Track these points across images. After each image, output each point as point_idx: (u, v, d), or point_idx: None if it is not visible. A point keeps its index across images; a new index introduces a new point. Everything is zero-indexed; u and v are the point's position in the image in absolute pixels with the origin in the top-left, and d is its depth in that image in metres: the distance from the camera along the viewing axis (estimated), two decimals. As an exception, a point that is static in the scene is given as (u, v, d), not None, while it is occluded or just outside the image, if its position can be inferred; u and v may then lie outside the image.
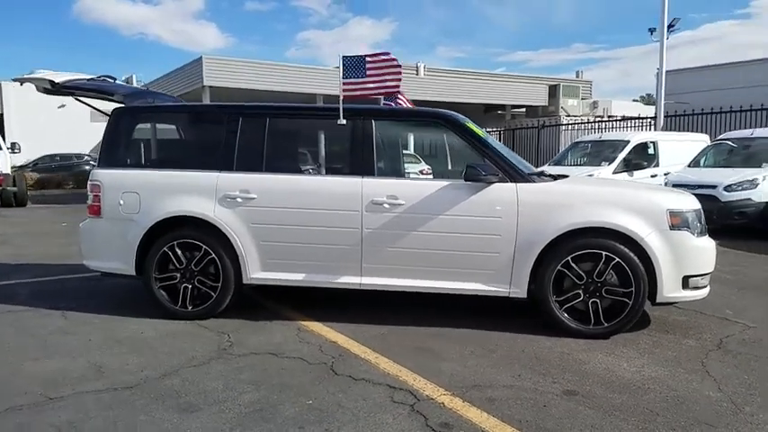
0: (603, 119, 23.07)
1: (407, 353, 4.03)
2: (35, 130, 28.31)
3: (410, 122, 5.45)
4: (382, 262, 4.61)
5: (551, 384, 3.51)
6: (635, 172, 11.48)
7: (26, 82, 5.79)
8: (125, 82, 15.38)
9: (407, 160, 9.20)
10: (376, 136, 4.76)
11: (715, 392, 3.39)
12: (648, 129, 17.42)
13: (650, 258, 4.24)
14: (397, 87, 5.25)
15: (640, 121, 18.76)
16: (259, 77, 20.39)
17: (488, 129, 19.67)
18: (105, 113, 5.43)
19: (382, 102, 5.50)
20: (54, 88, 5.61)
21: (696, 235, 4.40)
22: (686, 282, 4.34)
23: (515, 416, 3.09)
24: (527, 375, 3.64)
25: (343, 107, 4.73)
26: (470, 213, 4.47)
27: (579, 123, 21.90)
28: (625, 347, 4.14)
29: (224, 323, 4.69)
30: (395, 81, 5.07)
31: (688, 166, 10.91)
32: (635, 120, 19.19)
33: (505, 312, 4.86)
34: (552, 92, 27.43)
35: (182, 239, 4.78)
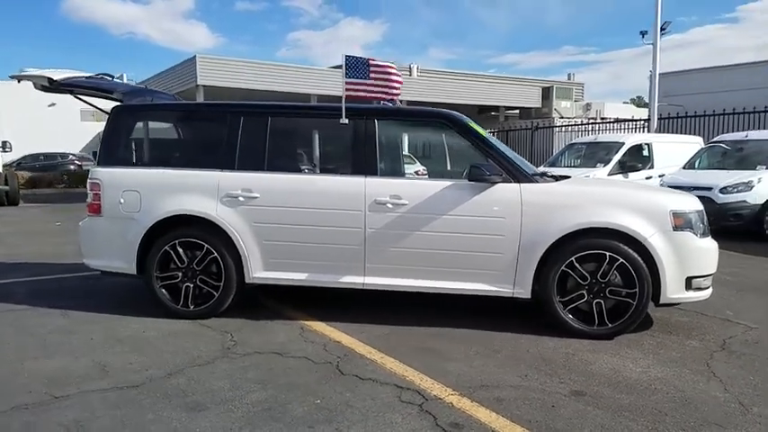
0: (596, 121, 23.19)
1: (412, 353, 4.02)
2: (25, 129, 28.03)
3: (412, 122, 5.43)
4: (385, 262, 4.59)
5: (558, 385, 3.51)
6: (630, 174, 11.52)
7: (24, 79, 5.71)
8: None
9: (404, 161, 9.16)
10: (378, 135, 4.75)
11: (722, 393, 3.41)
12: (642, 131, 17.51)
13: (654, 259, 4.25)
14: (398, 94, 5.25)
15: (634, 123, 18.86)
16: (253, 77, 20.31)
17: (483, 130, 19.63)
18: (105, 111, 5.38)
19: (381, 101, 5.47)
20: (52, 86, 5.54)
21: (699, 236, 4.41)
22: (689, 283, 4.35)
23: (524, 416, 3.09)
24: (533, 376, 3.64)
25: (345, 106, 4.71)
26: (474, 213, 4.47)
27: (573, 125, 21.98)
28: (629, 348, 4.15)
29: (226, 322, 4.65)
30: (396, 90, 5.08)
31: (683, 168, 10.98)
32: (628, 122, 19.30)
33: (506, 312, 4.85)
34: (545, 94, 27.61)
35: (183, 238, 4.75)
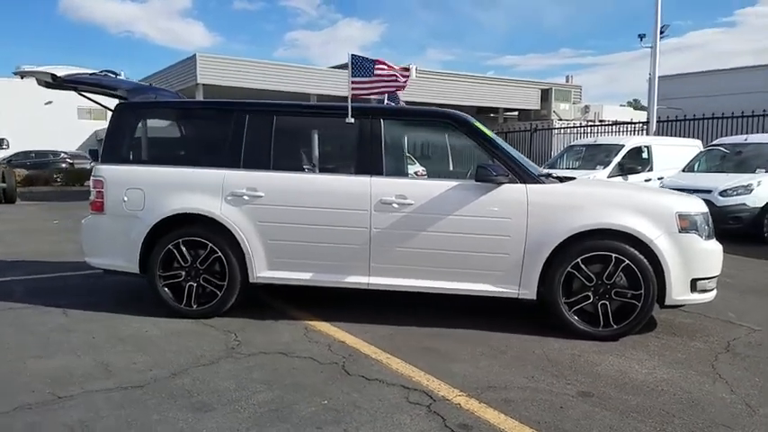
0: (595, 123, 23.22)
1: (417, 353, 4.00)
2: (22, 127, 27.94)
3: (417, 122, 5.40)
4: (390, 262, 4.57)
5: (565, 386, 3.50)
6: (629, 176, 11.52)
7: (27, 75, 5.67)
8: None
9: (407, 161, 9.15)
10: (384, 135, 4.74)
11: (728, 395, 3.40)
12: (640, 133, 17.55)
13: (659, 261, 4.25)
14: (404, 86, 5.23)
15: (632, 126, 18.89)
16: (253, 76, 20.28)
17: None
18: (108, 108, 5.36)
19: (386, 101, 5.46)
20: (56, 82, 5.50)
21: (704, 238, 4.41)
22: (694, 285, 4.35)
23: (533, 417, 3.08)
24: (540, 377, 3.63)
25: (351, 106, 4.70)
26: (480, 214, 4.45)
27: (571, 127, 22.02)
28: (635, 349, 4.14)
29: (229, 322, 4.63)
30: (402, 81, 5.06)
31: (682, 171, 11.00)
32: (627, 124, 19.33)
33: (511, 313, 4.84)
34: (544, 96, 27.65)
35: (187, 237, 4.72)
